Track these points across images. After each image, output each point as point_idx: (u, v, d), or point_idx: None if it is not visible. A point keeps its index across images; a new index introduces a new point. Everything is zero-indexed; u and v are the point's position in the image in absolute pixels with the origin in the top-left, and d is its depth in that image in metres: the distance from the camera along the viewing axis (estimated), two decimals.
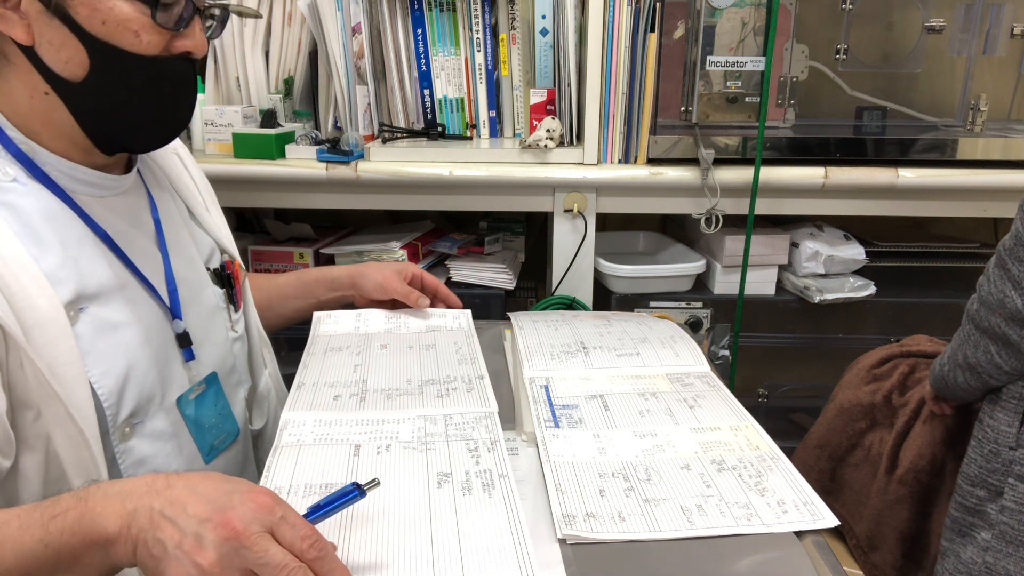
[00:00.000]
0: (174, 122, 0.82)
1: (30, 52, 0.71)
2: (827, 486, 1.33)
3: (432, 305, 1.17)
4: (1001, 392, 1.00)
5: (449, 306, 1.18)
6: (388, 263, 1.22)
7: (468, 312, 1.19)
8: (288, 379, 0.98)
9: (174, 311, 0.83)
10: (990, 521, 0.99)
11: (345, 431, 0.83)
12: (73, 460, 0.70)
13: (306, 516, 0.59)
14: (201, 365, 0.87)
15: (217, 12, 0.80)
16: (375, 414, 0.87)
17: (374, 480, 0.64)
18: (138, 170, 0.86)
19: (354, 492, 0.63)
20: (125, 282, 0.78)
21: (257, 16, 1.50)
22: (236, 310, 0.96)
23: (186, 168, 0.97)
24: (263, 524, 0.55)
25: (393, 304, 1.15)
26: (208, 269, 0.93)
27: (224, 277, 0.94)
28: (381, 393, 0.92)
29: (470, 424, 0.85)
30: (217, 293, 0.93)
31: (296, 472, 0.74)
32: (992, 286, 0.97)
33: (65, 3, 0.68)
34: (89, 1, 0.69)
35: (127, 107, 0.76)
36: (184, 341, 0.84)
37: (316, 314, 1.15)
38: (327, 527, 0.64)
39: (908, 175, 1.42)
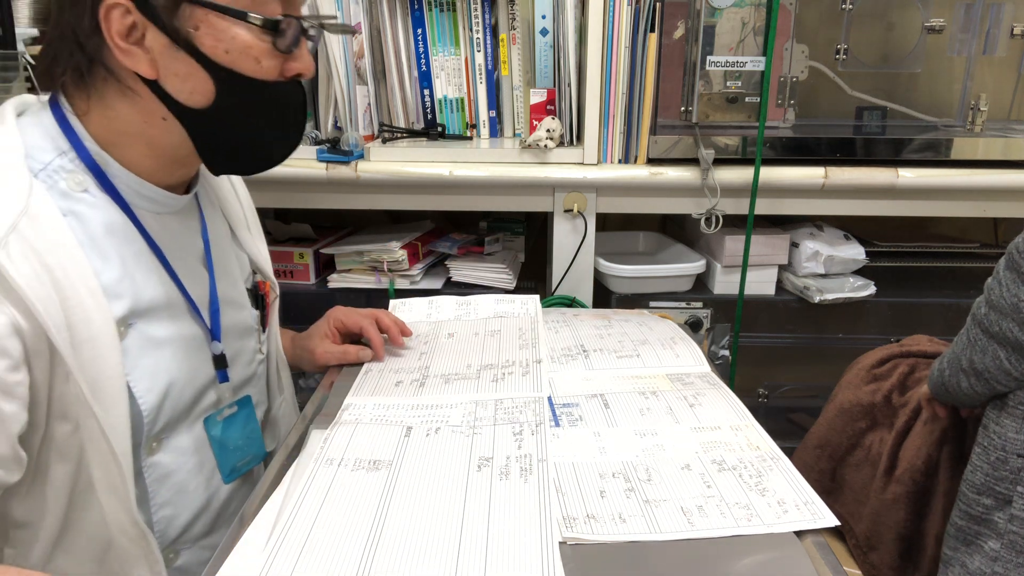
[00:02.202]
0: (287, 144, 0.83)
1: (154, 85, 0.71)
2: (827, 486, 1.33)
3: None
4: (1008, 398, 0.98)
5: (388, 336, 1.09)
6: (317, 330, 1.11)
7: (536, 297, 1.23)
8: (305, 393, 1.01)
9: (214, 333, 0.84)
10: (998, 530, 0.98)
11: (400, 414, 0.87)
12: (102, 474, 0.71)
13: None
14: (232, 386, 0.89)
15: (314, 32, 0.80)
16: (431, 399, 0.91)
17: None
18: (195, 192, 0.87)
19: None
20: (173, 300, 0.79)
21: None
22: (264, 331, 0.97)
23: (233, 187, 0.98)
24: None
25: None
26: (248, 290, 0.94)
27: (258, 297, 0.96)
28: (440, 378, 0.97)
29: (519, 408, 0.88)
30: (253, 315, 0.94)
31: (349, 447, 0.80)
32: (1005, 290, 0.94)
33: (191, 36, 0.69)
34: (214, 32, 0.70)
35: (248, 131, 0.77)
36: (220, 363, 0.85)
37: (392, 302, 1.21)
38: (364, 504, 0.68)
39: (908, 175, 1.42)
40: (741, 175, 1.42)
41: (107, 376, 0.70)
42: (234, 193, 0.97)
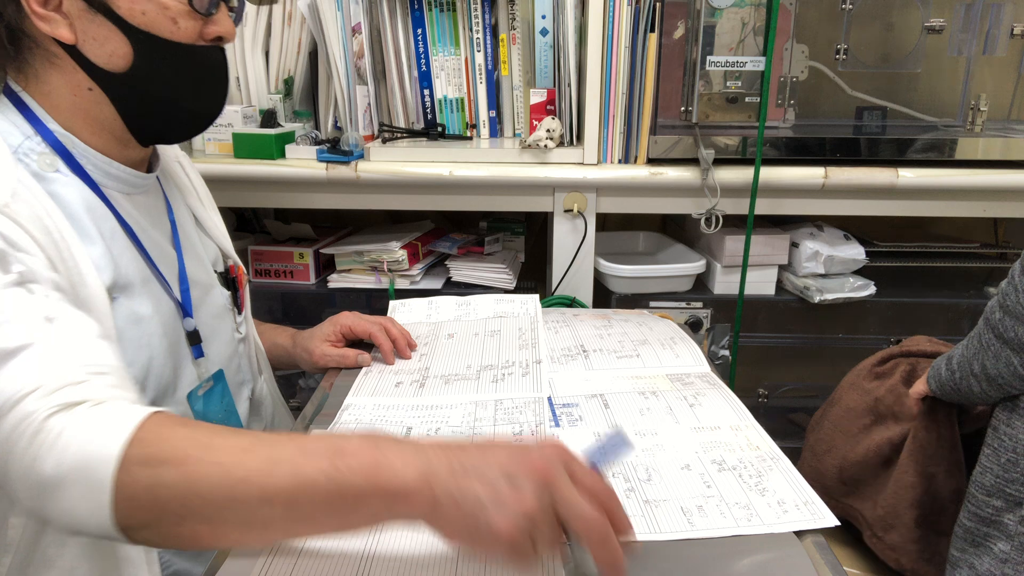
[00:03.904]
0: (210, 109, 0.84)
1: (73, 50, 0.73)
2: (840, 489, 1.32)
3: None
4: (1019, 400, 0.98)
5: (396, 347, 1.06)
6: (319, 332, 1.09)
7: (535, 297, 1.23)
8: (285, 378, 1.01)
9: (186, 309, 0.86)
10: (1008, 532, 0.98)
11: (400, 415, 0.87)
12: None
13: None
14: (209, 362, 0.89)
15: (236, 2, 0.82)
16: (431, 399, 0.91)
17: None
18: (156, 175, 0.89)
19: (624, 441, 0.60)
20: (147, 277, 0.81)
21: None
22: (240, 313, 0.98)
23: (187, 175, 0.99)
24: (564, 465, 0.53)
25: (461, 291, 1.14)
26: (216, 272, 0.95)
27: (229, 280, 0.97)
28: (440, 379, 0.97)
29: (519, 408, 0.88)
30: (224, 295, 0.95)
31: None
32: (1021, 295, 0.93)
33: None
34: None
35: (168, 95, 0.78)
36: (194, 338, 0.86)
37: (392, 303, 1.21)
38: None
39: (908, 175, 1.42)
40: (741, 175, 1.42)
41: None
42: (189, 182, 0.98)
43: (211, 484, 0.53)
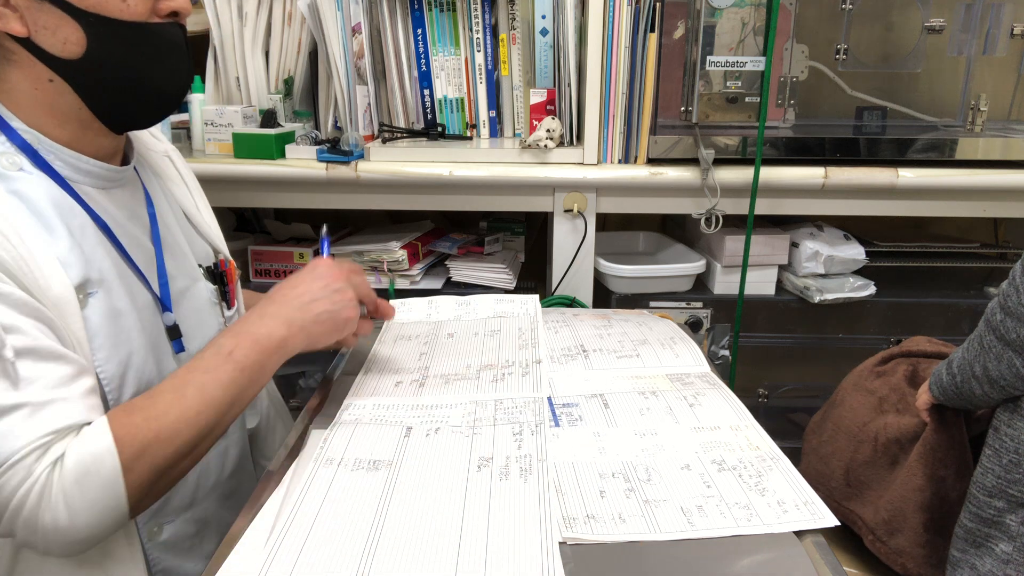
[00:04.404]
0: (177, 88, 0.83)
1: (27, 43, 0.72)
2: (845, 492, 1.31)
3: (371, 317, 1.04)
4: (1021, 400, 0.97)
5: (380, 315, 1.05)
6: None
7: (535, 297, 1.23)
8: (285, 378, 1.01)
9: (164, 303, 0.85)
10: (1010, 533, 0.97)
11: (400, 414, 0.87)
12: None
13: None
14: (191, 357, 0.87)
15: None
16: (431, 399, 0.91)
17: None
18: (135, 167, 0.88)
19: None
20: (122, 272, 0.80)
21: None
22: (229, 307, 0.97)
23: (177, 170, 0.98)
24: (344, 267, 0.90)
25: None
26: (201, 267, 0.94)
27: (217, 275, 0.96)
28: (440, 378, 0.96)
29: (519, 408, 0.88)
30: (209, 288, 0.94)
31: (349, 447, 0.80)
32: (1023, 296, 0.92)
33: None
34: None
35: (128, 76, 0.77)
36: (174, 333, 0.86)
37: (392, 302, 1.18)
38: (364, 504, 0.70)
39: (908, 175, 1.42)
40: (741, 175, 1.42)
41: (73, 342, 0.71)
42: (179, 177, 0.97)
43: (184, 438, 0.72)
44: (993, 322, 0.97)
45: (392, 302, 1.19)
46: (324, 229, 1.06)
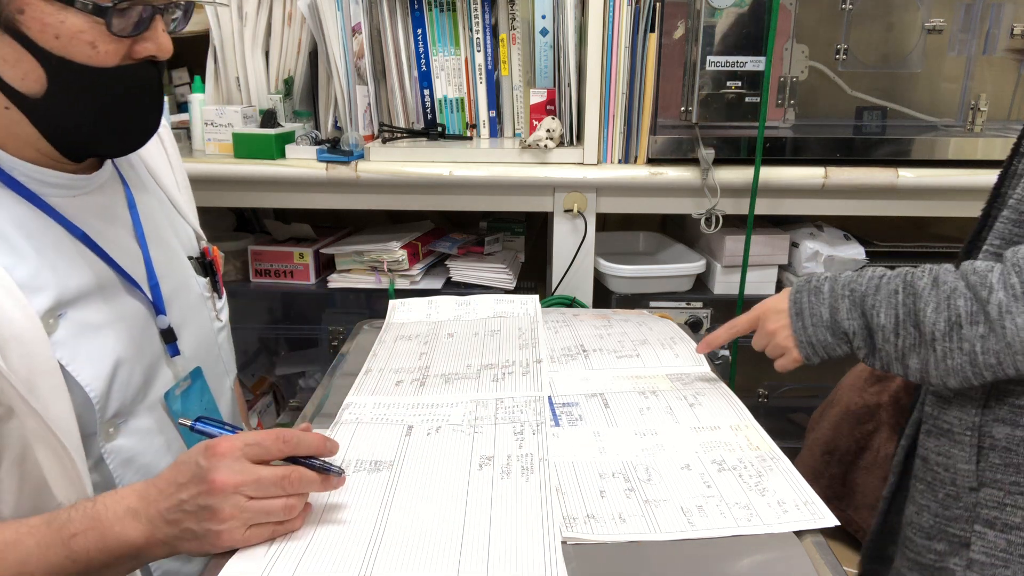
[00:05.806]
0: (142, 130, 0.79)
1: None
2: (838, 491, 1.31)
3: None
4: (952, 423, 0.83)
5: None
6: None
7: (535, 297, 1.24)
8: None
9: (157, 306, 0.82)
10: None
11: (401, 413, 0.87)
12: (53, 467, 0.69)
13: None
14: (186, 359, 0.86)
15: (182, 5, 0.76)
16: (432, 398, 0.91)
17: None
18: (113, 162, 0.84)
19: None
20: (106, 281, 0.77)
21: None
22: (219, 297, 0.95)
23: (164, 148, 0.94)
24: (245, 456, 0.64)
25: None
26: (191, 259, 0.91)
27: (206, 265, 0.93)
28: (440, 378, 0.97)
29: (519, 407, 0.88)
30: (201, 283, 0.91)
31: (350, 447, 0.80)
32: None
33: (15, 20, 0.65)
34: (40, 16, 0.66)
35: (91, 119, 0.73)
36: (169, 336, 0.83)
37: (392, 302, 1.21)
38: (366, 504, 0.69)
39: (908, 175, 1.42)
40: (741, 175, 1.42)
41: (41, 372, 0.68)
42: (162, 147, 0.93)
43: None
44: None
45: (392, 302, 1.19)
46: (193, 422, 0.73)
